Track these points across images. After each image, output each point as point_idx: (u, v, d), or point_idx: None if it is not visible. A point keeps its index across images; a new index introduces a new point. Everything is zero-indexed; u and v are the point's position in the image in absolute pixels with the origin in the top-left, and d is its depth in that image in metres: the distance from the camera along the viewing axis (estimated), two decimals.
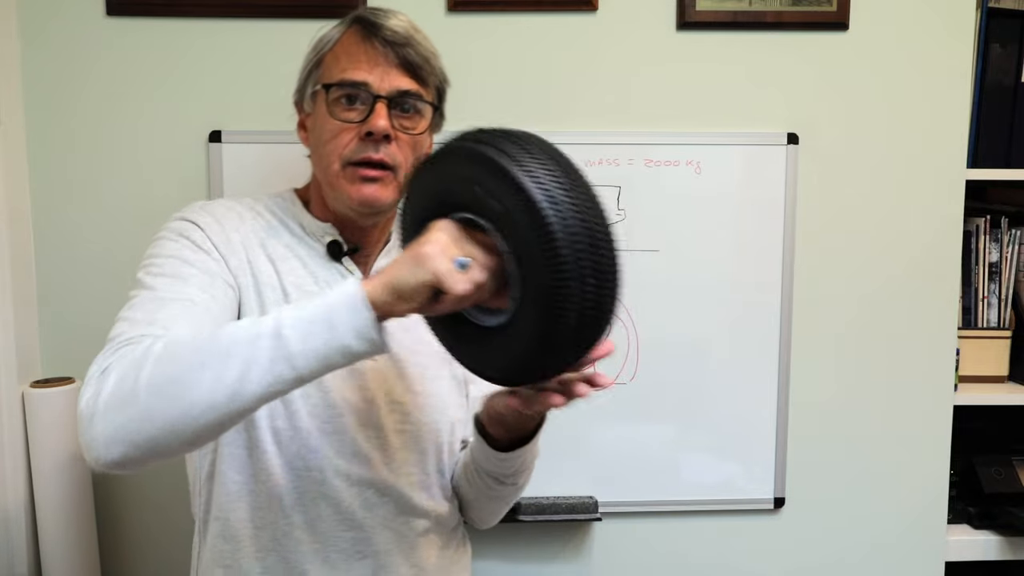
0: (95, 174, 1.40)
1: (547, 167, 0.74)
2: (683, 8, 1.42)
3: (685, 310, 1.47)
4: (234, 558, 1.02)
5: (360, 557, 1.01)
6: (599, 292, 0.75)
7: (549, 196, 0.73)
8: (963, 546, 1.55)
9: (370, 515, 1.01)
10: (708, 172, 1.45)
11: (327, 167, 1.01)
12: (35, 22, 1.38)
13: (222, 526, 1.03)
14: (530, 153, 0.75)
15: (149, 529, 1.47)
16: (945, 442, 1.54)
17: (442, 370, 1.08)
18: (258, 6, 1.39)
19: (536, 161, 0.74)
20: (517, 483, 1.08)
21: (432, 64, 1.02)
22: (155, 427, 0.77)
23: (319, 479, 1.00)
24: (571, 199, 0.73)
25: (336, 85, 0.99)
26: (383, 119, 0.97)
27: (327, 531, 1.00)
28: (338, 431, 1.00)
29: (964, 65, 1.47)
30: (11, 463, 1.34)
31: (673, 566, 1.53)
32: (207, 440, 0.81)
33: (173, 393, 0.76)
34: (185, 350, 0.78)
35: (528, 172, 0.73)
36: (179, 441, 0.78)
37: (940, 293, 1.51)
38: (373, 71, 0.98)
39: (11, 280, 1.34)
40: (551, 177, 0.73)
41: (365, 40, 0.99)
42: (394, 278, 0.77)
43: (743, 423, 1.50)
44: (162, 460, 0.80)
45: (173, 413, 0.76)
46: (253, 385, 0.76)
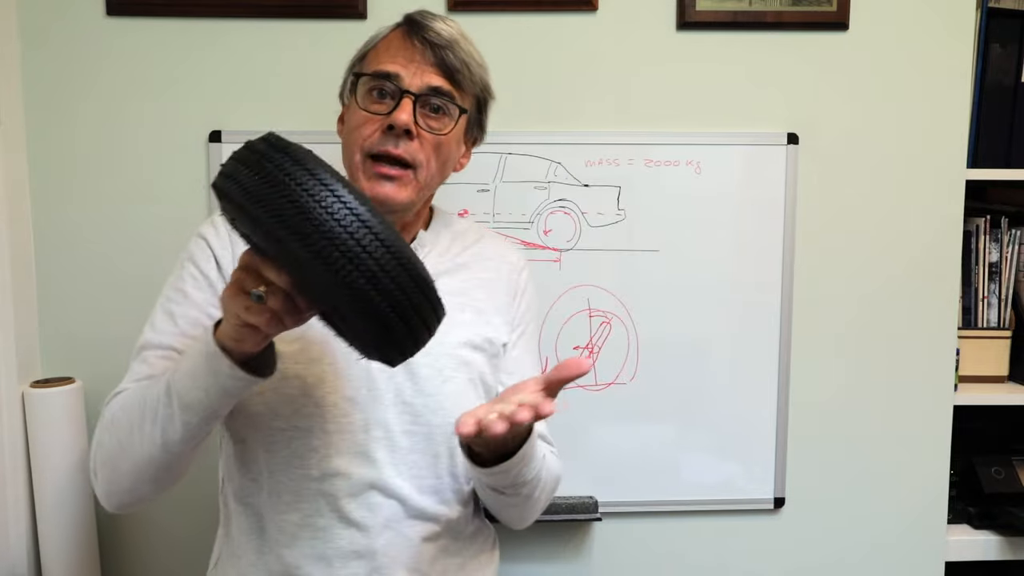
0: (95, 174, 1.41)
1: (270, 180, 0.71)
2: (683, 8, 1.42)
3: (685, 310, 1.47)
4: (243, 550, 1.04)
5: (355, 557, 1.00)
6: (390, 286, 0.72)
7: (276, 213, 0.70)
8: (963, 546, 1.55)
9: (371, 515, 1.01)
10: (708, 172, 1.45)
11: (350, 157, 1.01)
12: (35, 22, 1.38)
13: (233, 520, 1.05)
14: (253, 169, 0.72)
15: (149, 529, 1.47)
16: (945, 442, 1.54)
17: (458, 372, 1.05)
18: (258, 6, 1.39)
19: (256, 176, 0.71)
20: (521, 493, 1.02)
21: (472, 71, 1.02)
22: (124, 484, 0.94)
23: (318, 477, 1.00)
24: (310, 206, 0.69)
25: (368, 75, 1.00)
26: (406, 113, 0.96)
27: (325, 528, 1.00)
28: (341, 430, 1.00)
29: (964, 65, 1.47)
30: (11, 463, 1.34)
31: (673, 566, 1.53)
32: (175, 476, 0.96)
33: (123, 457, 0.93)
34: (124, 417, 0.93)
35: (252, 196, 0.71)
36: (150, 487, 0.95)
37: (940, 293, 1.51)
38: (408, 66, 0.98)
39: (11, 280, 1.34)
40: (281, 192, 0.70)
41: (407, 38, 1.00)
42: (222, 324, 0.84)
43: (743, 423, 1.50)
44: (154, 499, 0.97)
45: (129, 472, 0.93)
46: (173, 435, 0.89)
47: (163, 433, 0.89)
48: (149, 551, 1.48)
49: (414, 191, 1.00)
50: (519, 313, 1.14)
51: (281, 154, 0.72)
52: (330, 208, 0.69)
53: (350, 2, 1.38)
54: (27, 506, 1.37)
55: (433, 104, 0.99)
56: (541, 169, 1.43)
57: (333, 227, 0.69)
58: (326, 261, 0.69)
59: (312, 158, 0.73)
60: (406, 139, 0.97)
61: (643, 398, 1.48)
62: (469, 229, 1.16)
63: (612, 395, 1.46)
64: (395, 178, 0.98)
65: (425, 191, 1.03)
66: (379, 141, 0.97)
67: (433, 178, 1.03)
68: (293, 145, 0.74)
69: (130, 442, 0.92)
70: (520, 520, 1.12)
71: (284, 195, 0.70)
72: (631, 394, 1.47)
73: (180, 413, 0.88)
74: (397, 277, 0.72)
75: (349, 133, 1.02)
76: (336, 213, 0.69)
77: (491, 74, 1.08)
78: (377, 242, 0.71)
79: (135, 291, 1.42)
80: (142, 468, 0.92)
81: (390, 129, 0.97)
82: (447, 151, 1.02)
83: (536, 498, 1.05)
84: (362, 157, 0.99)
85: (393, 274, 0.72)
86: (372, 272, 0.71)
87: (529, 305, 1.16)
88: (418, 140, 0.98)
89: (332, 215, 0.69)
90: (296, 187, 0.70)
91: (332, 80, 1.40)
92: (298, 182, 0.70)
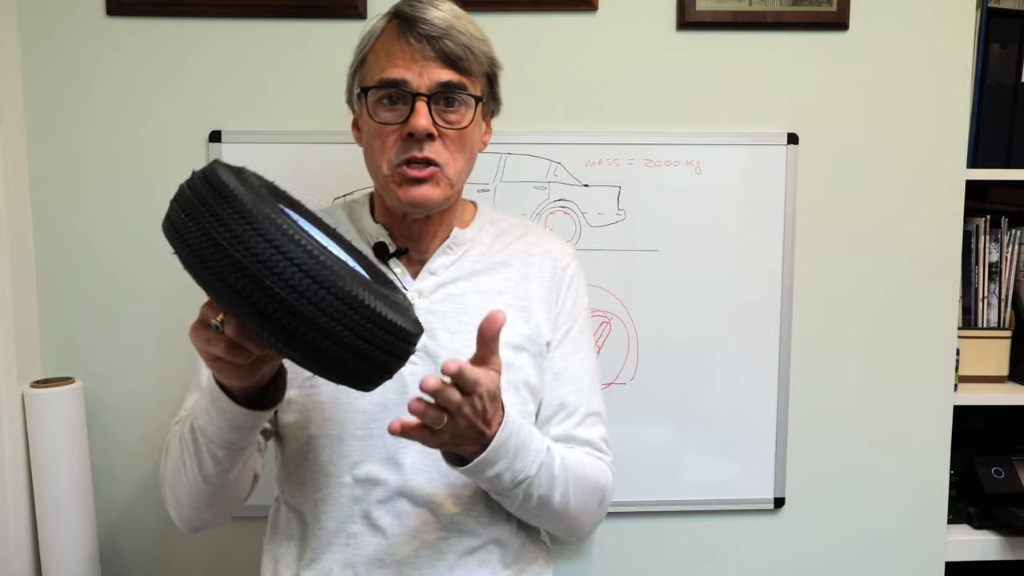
0: (95, 174, 1.40)
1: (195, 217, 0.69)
2: (683, 8, 1.42)
3: (685, 310, 1.47)
4: (282, 554, 1.06)
5: (380, 565, 1.00)
6: (341, 332, 0.69)
7: (192, 249, 0.69)
8: (963, 546, 1.55)
9: (397, 523, 1.00)
10: (708, 172, 1.45)
11: (377, 171, 1.00)
12: (35, 22, 1.38)
13: (281, 526, 1.08)
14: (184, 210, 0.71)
15: (149, 529, 1.47)
16: (945, 442, 1.54)
17: None
18: (258, 6, 1.38)
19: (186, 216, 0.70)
20: (518, 496, 0.96)
21: (475, 52, 0.99)
22: (185, 511, 0.99)
23: (350, 483, 1.00)
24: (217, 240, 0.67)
25: (375, 87, 0.98)
26: (423, 118, 0.95)
27: (356, 535, 1.00)
28: (371, 436, 1.00)
29: (964, 65, 1.47)
30: (11, 463, 1.34)
31: (673, 566, 1.53)
32: (231, 501, 1.00)
33: (178, 487, 0.97)
34: (175, 449, 0.97)
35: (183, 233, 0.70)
36: (210, 513, 1.00)
37: (940, 293, 1.51)
38: (411, 67, 0.96)
39: (11, 280, 1.34)
40: (217, 248, 0.67)
41: (402, 36, 0.97)
42: None
43: (743, 423, 1.50)
44: (222, 521, 1.04)
45: (186, 501, 0.98)
46: (207, 468, 0.93)
47: (199, 467, 0.93)
48: (149, 551, 1.48)
49: (447, 187, 0.99)
50: (564, 309, 1.10)
51: (219, 200, 0.69)
52: (269, 262, 0.67)
53: (350, 2, 1.38)
54: (27, 506, 1.37)
55: (448, 99, 0.98)
56: (541, 169, 1.43)
57: (272, 284, 0.66)
58: (270, 319, 0.67)
59: (253, 199, 0.69)
60: (428, 141, 0.96)
61: (643, 398, 1.47)
62: (515, 226, 1.14)
63: (612, 395, 1.46)
64: (426, 179, 0.97)
65: (457, 185, 1.02)
66: (403, 149, 0.97)
67: (462, 170, 1.02)
68: (232, 184, 0.70)
69: (179, 474, 0.96)
70: (563, 530, 1.05)
71: (220, 252, 0.67)
72: (631, 394, 1.47)
73: (206, 447, 0.91)
74: (348, 321, 0.69)
75: (370, 145, 1.01)
76: (276, 267, 0.66)
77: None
78: (323, 291, 0.68)
79: (135, 291, 1.42)
80: (195, 497, 0.96)
81: (410, 136, 0.96)
82: (470, 140, 1.01)
83: (552, 502, 0.98)
84: (390, 169, 0.98)
85: (344, 319, 0.69)
86: (318, 324, 0.68)
87: (576, 301, 1.11)
88: (440, 139, 0.97)
89: (271, 269, 0.67)
90: (232, 243, 0.67)
91: (332, 80, 1.41)
92: (235, 235, 0.67)
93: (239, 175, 0.76)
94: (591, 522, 1.06)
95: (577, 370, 1.08)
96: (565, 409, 1.07)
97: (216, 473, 0.93)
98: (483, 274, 1.06)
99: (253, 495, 1.34)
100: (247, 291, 0.67)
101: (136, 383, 1.44)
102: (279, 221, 0.68)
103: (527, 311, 1.06)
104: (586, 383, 1.09)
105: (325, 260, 0.69)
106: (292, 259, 0.67)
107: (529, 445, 0.93)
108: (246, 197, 0.69)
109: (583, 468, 1.02)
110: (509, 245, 1.10)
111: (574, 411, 1.07)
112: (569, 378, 1.08)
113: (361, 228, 1.08)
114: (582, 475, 1.01)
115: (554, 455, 0.97)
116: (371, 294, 0.72)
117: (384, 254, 1.04)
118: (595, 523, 1.06)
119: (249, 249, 0.66)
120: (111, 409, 1.44)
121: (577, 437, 1.06)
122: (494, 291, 1.06)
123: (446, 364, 0.76)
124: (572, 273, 1.12)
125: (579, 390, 1.08)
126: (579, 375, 1.08)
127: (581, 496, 1.01)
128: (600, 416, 1.10)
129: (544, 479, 0.96)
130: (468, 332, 1.00)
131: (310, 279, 0.67)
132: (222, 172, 0.73)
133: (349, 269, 0.72)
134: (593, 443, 1.07)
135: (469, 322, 1.02)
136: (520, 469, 0.92)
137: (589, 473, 1.03)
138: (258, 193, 0.72)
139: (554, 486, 0.97)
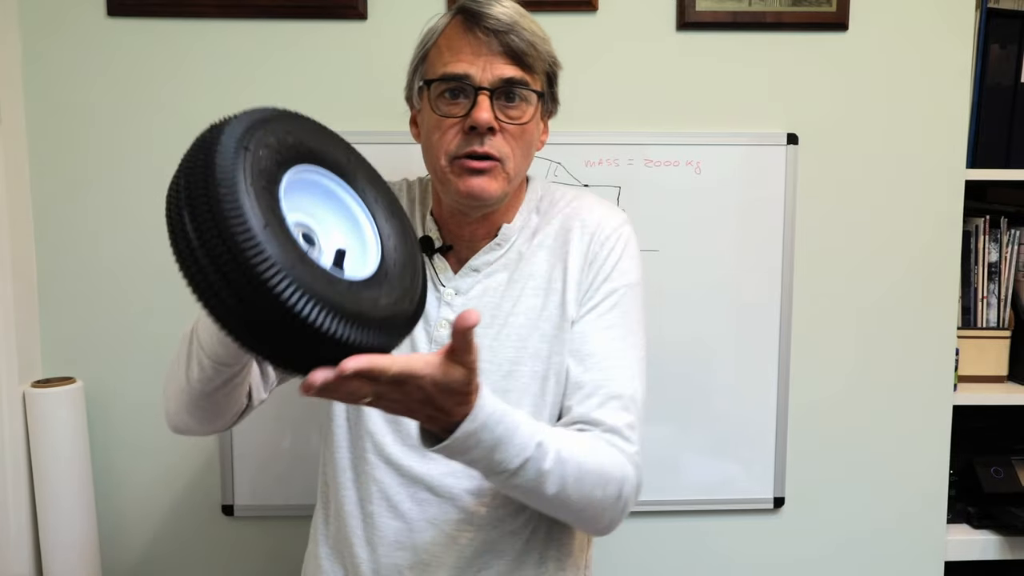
0: (95, 174, 1.41)
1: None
2: (683, 8, 1.42)
3: (685, 310, 1.47)
4: (317, 520, 1.11)
5: (399, 547, 1.01)
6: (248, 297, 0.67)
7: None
8: (962, 546, 1.55)
9: (417, 509, 1.01)
10: (708, 172, 1.45)
11: (435, 163, 1.00)
12: (36, 23, 1.38)
13: (319, 494, 1.11)
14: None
15: (149, 529, 1.47)
16: (945, 442, 1.54)
17: (522, 364, 1.00)
18: (258, 6, 1.39)
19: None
20: (501, 486, 0.91)
21: (538, 49, 0.99)
22: (171, 407, 0.98)
23: (373, 462, 1.02)
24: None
25: (438, 80, 0.97)
26: (486, 111, 0.95)
27: (374, 514, 1.02)
28: (395, 419, 1.00)
29: (964, 65, 1.47)
30: (11, 463, 1.34)
31: (673, 566, 1.53)
32: (209, 416, 0.97)
33: (170, 381, 0.97)
34: (178, 346, 0.96)
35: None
36: (189, 419, 0.97)
37: (939, 293, 1.51)
38: (475, 62, 0.96)
39: (11, 280, 1.34)
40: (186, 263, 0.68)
41: (467, 31, 0.97)
42: None
43: (743, 423, 1.50)
44: (202, 433, 1.01)
45: (172, 396, 0.97)
46: (192, 372, 0.92)
47: (187, 368, 0.92)
48: (149, 550, 1.48)
49: (504, 182, 0.99)
50: (592, 285, 1.03)
51: (187, 214, 0.67)
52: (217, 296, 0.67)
53: (350, 2, 1.38)
54: (28, 506, 1.37)
55: (509, 94, 0.98)
56: (541, 169, 1.43)
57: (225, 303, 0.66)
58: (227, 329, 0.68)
59: (222, 219, 0.66)
60: (489, 136, 0.96)
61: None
62: (560, 200, 1.09)
63: None
64: (485, 171, 0.97)
65: (515, 180, 1.01)
66: (463, 143, 0.97)
67: (520, 166, 1.01)
68: (199, 199, 0.67)
69: (173, 368, 0.96)
70: (574, 523, 1.00)
71: (188, 266, 0.67)
72: None
73: (196, 352, 0.90)
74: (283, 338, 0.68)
75: (429, 138, 1.00)
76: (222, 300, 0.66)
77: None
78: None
79: (136, 291, 1.42)
80: (178, 396, 0.96)
81: (472, 130, 0.96)
82: (530, 137, 1.01)
83: (544, 495, 0.91)
84: (447, 161, 0.98)
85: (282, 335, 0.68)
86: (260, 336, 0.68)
87: (609, 276, 1.03)
88: (500, 134, 0.97)
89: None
90: (195, 272, 0.67)
91: (332, 80, 1.41)
92: (199, 265, 0.67)
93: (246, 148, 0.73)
94: (607, 516, 0.97)
95: (600, 348, 1.01)
96: (583, 389, 0.99)
97: (199, 379, 0.91)
98: (521, 261, 1.05)
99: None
100: (209, 302, 0.67)
101: (136, 383, 1.44)
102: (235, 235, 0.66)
103: (560, 292, 1.02)
104: (613, 363, 1.01)
105: (273, 268, 0.66)
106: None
107: (511, 439, 0.86)
108: (218, 216, 0.66)
109: (588, 462, 0.93)
110: (550, 223, 1.06)
111: (593, 392, 0.99)
112: (587, 356, 1.01)
113: (423, 213, 1.09)
114: (586, 469, 0.92)
115: (547, 450, 0.89)
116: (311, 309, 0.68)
117: (429, 248, 1.04)
118: (614, 517, 0.98)
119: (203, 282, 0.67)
120: (111, 409, 1.44)
121: (596, 420, 0.98)
122: (528, 276, 1.04)
123: (343, 363, 0.71)
124: (611, 246, 1.04)
125: (602, 369, 1.00)
126: (603, 354, 1.00)
127: (584, 490, 0.93)
128: (626, 400, 0.99)
129: (531, 473, 0.88)
130: (499, 325, 1.01)
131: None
132: (222, 153, 0.70)
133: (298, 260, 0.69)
134: (616, 429, 0.97)
135: (501, 315, 1.02)
136: (499, 461, 0.86)
137: (594, 466, 0.93)
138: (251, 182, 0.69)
139: (544, 480, 0.89)
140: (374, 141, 1.39)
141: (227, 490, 1.46)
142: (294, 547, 1.49)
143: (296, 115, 0.80)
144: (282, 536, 1.48)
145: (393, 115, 1.39)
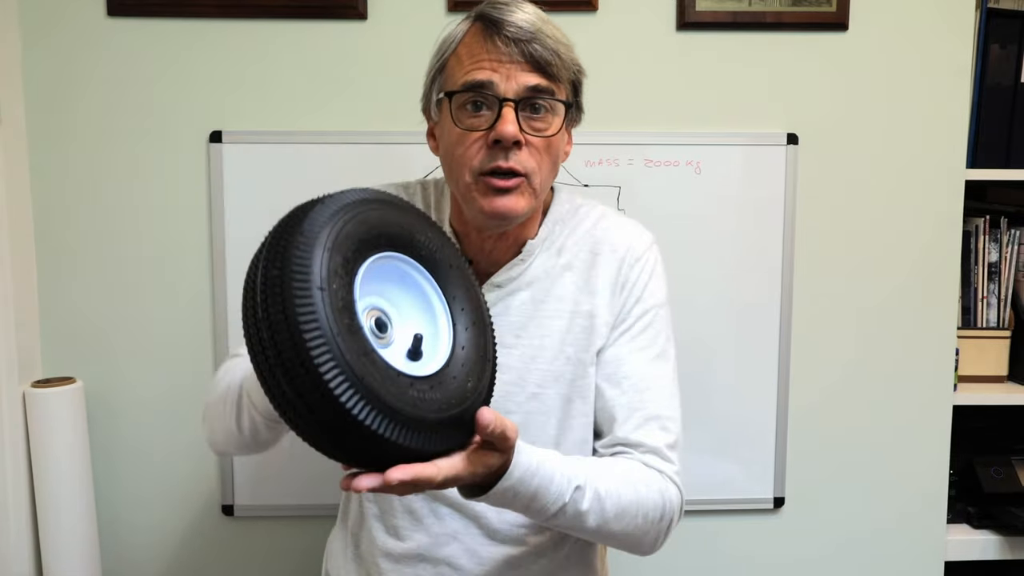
0: (96, 174, 1.41)
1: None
2: (683, 8, 1.42)
3: (685, 310, 1.47)
4: (338, 530, 1.11)
5: (420, 560, 1.00)
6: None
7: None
8: (962, 546, 1.55)
9: (439, 523, 1.00)
10: (708, 172, 1.45)
11: (458, 179, 0.94)
12: (36, 23, 1.38)
13: (342, 503, 1.12)
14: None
15: (149, 529, 1.47)
16: (945, 442, 1.54)
17: (547, 387, 0.99)
18: (258, 6, 1.39)
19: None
20: (544, 523, 0.91)
21: (563, 57, 0.94)
22: (218, 440, 1.00)
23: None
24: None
25: (459, 91, 0.92)
26: (511, 124, 0.89)
27: (397, 527, 1.01)
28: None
29: (964, 65, 1.47)
30: (11, 463, 1.34)
31: (672, 565, 1.53)
32: (259, 448, 0.98)
33: (215, 420, 0.97)
34: (222, 384, 0.96)
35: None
36: (238, 451, 1.02)
37: (939, 293, 1.51)
38: (498, 70, 0.90)
39: (11, 280, 1.34)
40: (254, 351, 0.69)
41: (488, 39, 0.91)
42: None
43: (743, 423, 1.50)
44: (247, 455, 1.10)
45: (219, 433, 0.98)
46: (244, 423, 0.92)
47: (236, 418, 0.93)
48: (150, 550, 1.48)
49: (531, 198, 0.94)
50: (624, 308, 1.02)
51: (262, 311, 0.67)
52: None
53: (350, 2, 1.38)
54: (28, 506, 1.37)
55: (535, 105, 0.92)
56: None
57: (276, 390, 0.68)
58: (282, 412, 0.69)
59: (281, 324, 0.65)
60: (515, 149, 0.91)
61: None
62: (586, 219, 1.05)
63: None
64: (511, 189, 0.92)
65: (541, 195, 0.97)
66: (488, 157, 0.91)
67: (546, 181, 0.97)
68: (255, 296, 0.68)
69: (218, 411, 0.96)
70: (617, 548, 1.00)
71: (256, 354, 0.68)
72: None
73: (248, 408, 0.91)
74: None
75: (450, 153, 0.95)
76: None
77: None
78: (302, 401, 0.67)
79: (135, 291, 1.42)
80: (228, 438, 0.96)
81: (496, 143, 0.90)
82: (556, 149, 0.96)
83: (585, 529, 0.91)
84: (473, 178, 0.92)
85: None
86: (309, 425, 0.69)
87: (640, 298, 1.02)
88: (526, 147, 0.92)
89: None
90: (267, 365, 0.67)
91: (332, 80, 1.41)
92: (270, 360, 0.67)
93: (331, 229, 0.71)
94: (650, 540, 0.98)
95: (635, 370, 1.00)
96: (621, 412, 0.99)
97: (251, 431, 0.93)
98: (546, 280, 1.01)
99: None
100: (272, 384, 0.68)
101: (136, 383, 1.44)
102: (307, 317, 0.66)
103: (588, 316, 1.01)
104: (649, 384, 1.00)
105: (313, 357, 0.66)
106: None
107: (548, 488, 0.86)
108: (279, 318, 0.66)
109: (626, 494, 0.92)
110: (576, 243, 1.04)
111: (631, 414, 0.99)
112: (623, 379, 1.00)
113: (440, 221, 1.03)
114: (626, 502, 0.92)
115: (584, 491, 0.89)
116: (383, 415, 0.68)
117: None
118: (657, 538, 0.98)
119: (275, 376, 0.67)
120: (111, 409, 1.44)
121: (635, 442, 0.98)
122: (555, 298, 1.01)
123: (389, 473, 0.71)
124: (641, 269, 1.03)
125: (639, 391, 1.00)
126: (639, 376, 1.00)
127: (624, 520, 0.93)
128: (664, 420, 0.99)
129: (570, 514, 0.89)
130: (523, 347, 0.98)
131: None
132: (303, 239, 0.69)
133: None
134: (656, 450, 0.97)
135: (525, 336, 0.99)
136: (537, 510, 0.87)
137: (631, 500, 0.93)
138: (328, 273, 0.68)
139: (585, 519, 0.90)
140: (374, 141, 1.39)
141: (227, 490, 1.46)
142: (294, 547, 1.49)
143: (390, 201, 0.80)
144: (282, 536, 1.48)
145: (393, 115, 1.39)
